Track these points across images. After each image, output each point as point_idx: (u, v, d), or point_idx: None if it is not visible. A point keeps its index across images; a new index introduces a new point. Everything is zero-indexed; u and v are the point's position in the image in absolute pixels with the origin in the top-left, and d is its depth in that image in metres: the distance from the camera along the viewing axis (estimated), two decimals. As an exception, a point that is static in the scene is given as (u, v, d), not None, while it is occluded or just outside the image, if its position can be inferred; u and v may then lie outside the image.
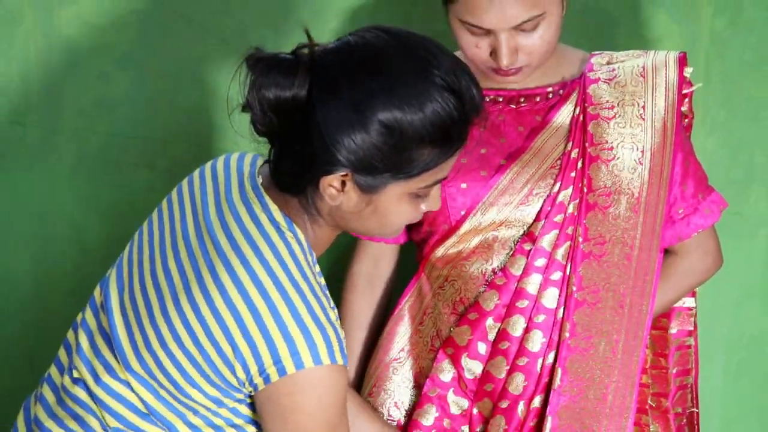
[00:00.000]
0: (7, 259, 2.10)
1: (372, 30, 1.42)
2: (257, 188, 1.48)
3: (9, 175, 2.07)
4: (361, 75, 1.38)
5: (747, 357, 2.11)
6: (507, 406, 1.72)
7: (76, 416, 1.50)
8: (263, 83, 1.39)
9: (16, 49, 2.03)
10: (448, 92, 1.39)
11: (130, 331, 1.48)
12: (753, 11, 2.01)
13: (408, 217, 1.46)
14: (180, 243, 1.49)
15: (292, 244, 1.44)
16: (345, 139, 1.37)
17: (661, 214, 1.70)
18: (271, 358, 1.39)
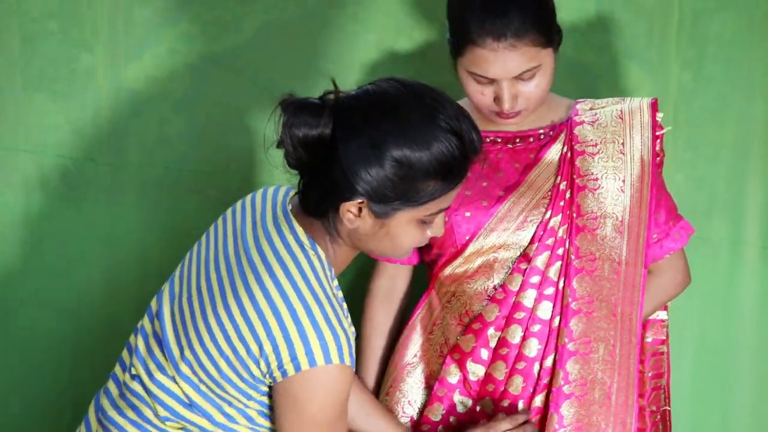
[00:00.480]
0: (81, 276, 2.08)
1: (388, 80, 1.44)
2: (287, 214, 1.48)
3: (83, 204, 2.05)
4: (378, 118, 1.39)
5: (711, 362, 2.09)
6: (508, 405, 1.69)
7: (133, 406, 1.51)
8: (294, 123, 1.39)
9: (89, 98, 2.03)
10: (451, 134, 1.39)
11: (178, 335, 1.48)
12: (713, 68, 2.01)
13: (416, 241, 1.46)
14: (221, 260, 1.48)
15: (314, 261, 1.44)
16: (362, 172, 1.38)
17: (643, 233, 1.68)
18: (289, 356, 1.39)
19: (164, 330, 1.50)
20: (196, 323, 1.46)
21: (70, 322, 2.08)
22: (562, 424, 1.64)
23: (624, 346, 1.67)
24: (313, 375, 1.39)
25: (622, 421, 1.65)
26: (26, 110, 2.02)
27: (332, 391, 1.41)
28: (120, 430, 1.50)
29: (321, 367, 1.38)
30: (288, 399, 1.41)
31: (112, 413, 1.52)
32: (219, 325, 1.43)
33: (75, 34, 2.00)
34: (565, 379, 1.65)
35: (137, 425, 1.49)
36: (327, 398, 1.41)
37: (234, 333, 1.42)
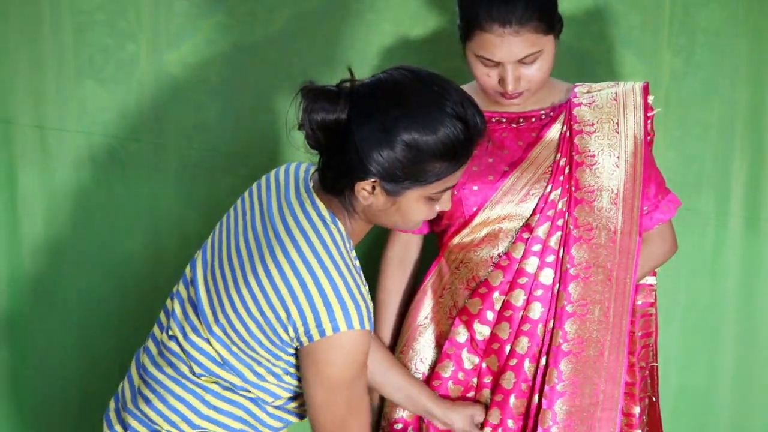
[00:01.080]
0: (126, 246, 2.11)
1: (398, 69, 1.44)
2: (309, 190, 1.49)
3: (128, 180, 2.08)
4: (389, 104, 1.39)
5: (698, 322, 2.11)
6: (515, 364, 1.72)
7: (171, 364, 1.54)
8: (313, 108, 1.41)
9: (133, 84, 2.05)
10: (456, 119, 1.40)
11: (211, 300, 1.50)
12: (702, 55, 2.02)
13: (425, 215, 1.47)
14: (249, 231, 1.50)
15: (335, 233, 1.45)
16: (374, 154, 1.39)
17: (637, 204, 1.70)
18: (315, 322, 1.41)
19: (198, 296, 1.52)
20: (228, 290, 1.47)
21: (116, 288, 2.10)
22: (560, 378, 1.67)
23: (617, 308, 1.68)
24: (336, 340, 1.41)
25: (612, 375, 1.67)
26: (77, 94, 2.03)
27: (352, 353, 1.42)
28: (159, 384, 1.53)
29: (343, 333, 1.40)
30: (311, 361, 1.43)
31: (152, 369, 1.55)
32: (249, 292, 1.44)
33: (121, 25, 2.01)
34: (563, 338, 1.67)
35: (174, 380, 1.52)
36: (346, 360, 1.42)
37: (263, 300, 1.43)
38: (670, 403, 2.08)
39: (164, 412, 1.52)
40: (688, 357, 2.11)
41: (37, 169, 2.07)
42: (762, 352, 2.10)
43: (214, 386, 1.51)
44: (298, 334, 1.43)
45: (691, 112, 2.04)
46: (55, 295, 2.12)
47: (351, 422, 1.47)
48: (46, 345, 2.14)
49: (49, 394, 2.16)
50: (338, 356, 1.42)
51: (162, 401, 1.52)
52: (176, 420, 1.52)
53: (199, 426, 1.51)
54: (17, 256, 2.11)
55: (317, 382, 1.44)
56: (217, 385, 1.51)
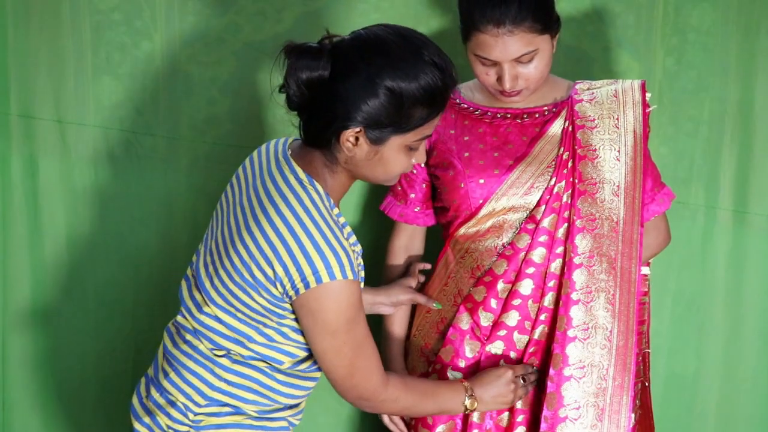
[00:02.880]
0: (141, 236, 2.10)
1: (378, 26, 1.46)
2: (287, 157, 1.50)
3: (143, 173, 2.08)
4: (372, 55, 1.41)
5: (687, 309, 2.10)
6: (534, 351, 1.71)
7: (186, 341, 1.56)
8: (297, 66, 1.42)
9: (149, 80, 2.04)
10: (434, 67, 1.43)
11: (209, 275, 1.52)
12: (693, 54, 2.01)
13: (403, 166, 1.49)
14: (237, 207, 1.52)
15: (312, 193, 1.46)
16: (360, 103, 1.41)
17: (638, 195, 1.69)
18: (299, 276, 1.43)
19: (199, 274, 1.55)
20: (222, 261, 1.49)
21: (131, 277, 2.10)
22: (567, 363, 1.66)
23: (623, 296, 1.67)
24: (322, 290, 1.43)
25: (622, 362, 1.66)
26: (95, 90, 2.02)
27: (340, 300, 1.44)
28: (176, 360, 1.56)
29: (327, 283, 1.42)
30: (305, 312, 1.45)
31: (171, 347, 1.58)
32: (239, 258, 1.47)
33: (137, 24, 2.01)
34: (569, 324, 1.66)
35: (188, 355, 1.55)
36: (339, 307, 1.44)
37: (251, 262, 1.45)
38: (660, 389, 2.07)
39: (179, 384, 1.55)
40: (677, 344, 2.11)
41: (56, 162, 2.07)
42: (748, 339, 2.09)
43: (223, 360, 1.52)
44: (286, 289, 1.45)
45: (682, 109, 2.03)
46: (73, 283, 2.12)
47: (359, 363, 1.49)
48: (64, 330, 2.14)
49: (68, 377, 2.16)
50: (329, 303, 1.44)
51: (178, 374, 1.55)
52: (190, 392, 1.54)
53: (211, 397, 1.53)
54: (38, 245, 2.11)
55: (316, 330, 1.46)
56: (226, 358, 1.52)
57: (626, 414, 1.67)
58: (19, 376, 2.15)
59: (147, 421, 1.58)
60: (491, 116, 1.75)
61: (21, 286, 2.11)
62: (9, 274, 2.11)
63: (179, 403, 1.54)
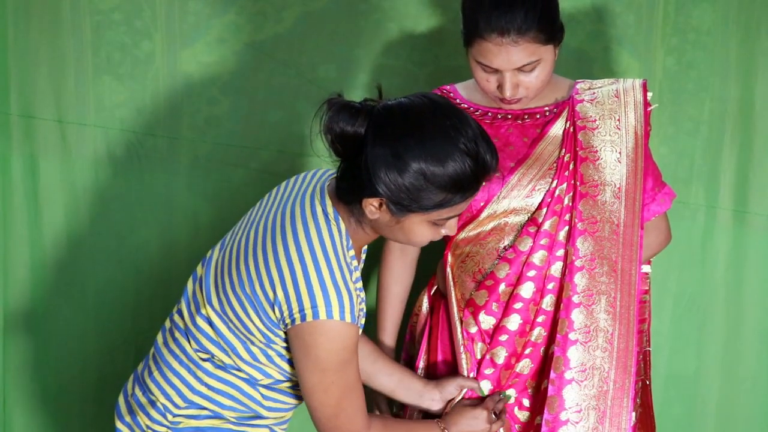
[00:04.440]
0: (142, 236, 2.10)
1: (421, 96, 1.42)
2: (323, 189, 1.49)
3: (144, 173, 2.07)
4: (404, 131, 1.38)
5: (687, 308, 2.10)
6: (530, 352, 1.70)
7: (175, 339, 1.56)
8: (334, 119, 1.40)
9: (149, 80, 2.04)
10: (467, 156, 1.39)
11: (216, 277, 1.52)
12: (694, 54, 2.00)
13: (428, 238, 1.47)
14: (263, 221, 1.51)
15: (333, 230, 1.45)
16: (383, 176, 1.38)
17: (639, 198, 1.68)
18: (298, 307, 1.42)
19: (207, 273, 1.54)
20: (231, 269, 1.49)
21: (132, 276, 2.10)
22: (568, 366, 1.65)
23: (624, 298, 1.66)
24: (317, 326, 1.41)
25: (623, 364, 1.65)
26: (95, 90, 2.03)
27: (335, 341, 1.42)
28: (162, 358, 1.56)
29: (323, 321, 1.40)
30: (298, 343, 1.44)
31: (161, 344, 1.58)
32: (246, 272, 1.46)
33: (137, 24, 2.01)
34: (570, 327, 1.65)
35: (174, 355, 1.54)
36: (331, 347, 1.42)
37: (256, 279, 1.44)
38: (660, 388, 2.07)
39: (161, 384, 1.54)
40: (677, 344, 2.10)
41: (57, 161, 2.06)
42: (748, 339, 2.09)
43: (207, 364, 1.51)
44: (284, 316, 1.44)
45: (683, 108, 2.02)
46: (73, 283, 2.12)
47: (345, 404, 1.47)
48: (65, 330, 2.13)
49: (68, 377, 2.15)
50: (323, 341, 1.42)
51: (161, 374, 1.54)
52: (171, 393, 1.53)
53: (191, 400, 1.52)
54: (38, 244, 2.10)
55: (307, 364, 1.44)
56: (209, 363, 1.51)
57: (627, 416, 1.66)
58: (20, 375, 2.15)
59: (128, 420, 1.57)
60: (492, 117, 1.73)
61: (21, 286, 2.11)
62: (9, 274, 2.11)
63: (159, 404, 1.53)
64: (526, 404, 1.71)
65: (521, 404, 1.71)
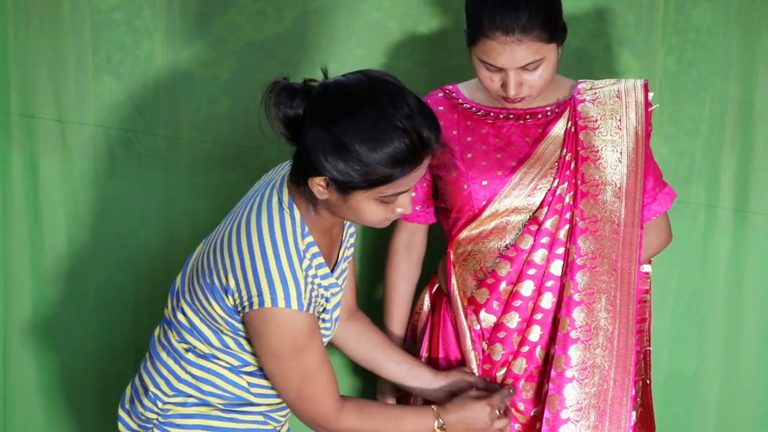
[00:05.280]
0: (141, 235, 2.10)
1: (357, 74, 1.42)
2: (283, 179, 1.51)
3: (144, 172, 2.08)
4: (339, 112, 1.38)
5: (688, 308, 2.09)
6: (527, 351, 1.70)
7: (164, 331, 1.60)
8: (275, 101, 1.42)
9: (149, 80, 2.04)
10: (404, 133, 1.38)
11: (192, 270, 1.55)
12: (694, 53, 2.00)
13: (381, 216, 1.46)
14: (236, 213, 1.53)
15: (285, 217, 1.46)
16: (320, 157, 1.39)
17: (639, 198, 1.68)
18: (247, 294, 1.44)
19: (186, 266, 1.59)
20: (201, 261, 1.53)
21: (132, 275, 2.10)
22: (569, 364, 1.65)
23: (623, 297, 1.67)
24: (266, 313, 1.44)
25: (623, 363, 1.65)
26: (95, 90, 2.03)
27: (284, 328, 1.44)
28: (153, 349, 1.60)
29: (269, 309, 1.43)
30: (251, 330, 1.47)
31: (155, 339, 1.62)
32: (207, 264, 1.50)
33: (137, 24, 2.01)
34: (571, 326, 1.65)
35: (163, 345, 1.58)
36: (281, 334, 1.44)
37: (214, 267, 1.48)
38: (660, 387, 2.07)
39: (152, 373, 1.59)
40: (677, 343, 2.10)
41: (57, 161, 2.07)
42: (749, 338, 2.09)
43: (189, 354, 1.55)
44: (236, 304, 1.47)
45: (683, 108, 2.02)
46: (74, 282, 2.12)
47: (307, 390, 1.49)
48: (65, 329, 2.14)
49: (69, 376, 2.16)
50: (272, 329, 1.45)
51: (152, 364, 1.59)
52: (160, 382, 1.57)
53: (178, 389, 1.56)
54: (39, 244, 2.11)
55: (261, 350, 1.47)
56: (192, 353, 1.55)
57: (627, 414, 1.66)
58: (21, 374, 2.15)
59: (128, 408, 1.62)
60: (494, 117, 1.74)
61: (22, 285, 2.11)
62: (10, 273, 2.11)
63: (150, 392, 1.58)
64: (520, 407, 1.71)
65: (517, 408, 1.72)
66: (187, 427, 1.56)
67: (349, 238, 1.63)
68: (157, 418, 1.57)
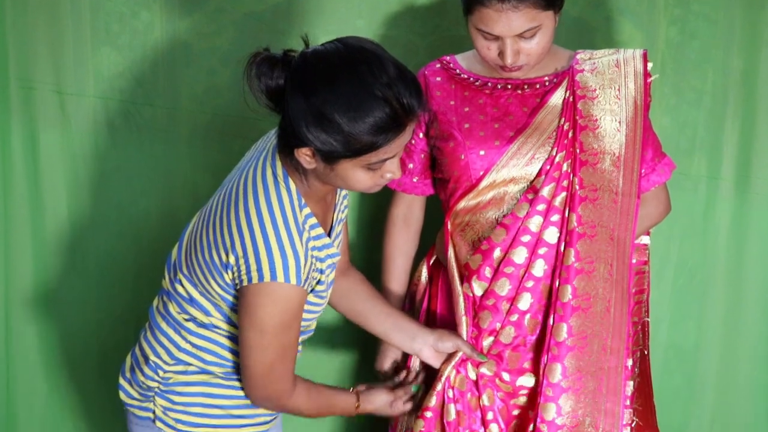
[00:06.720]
0: (142, 206, 2.11)
1: (337, 43, 1.41)
2: (274, 150, 1.50)
3: (143, 143, 2.08)
4: (318, 83, 1.38)
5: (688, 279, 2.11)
6: (516, 320, 1.71)
7: (163, 302, 1.61)
8: (256, 72, 1.42)
9: (148, 51, 2.04)
10: (384, 102, 1.38)
11: (189, 243, 1.56)
12: (697, 24, 1.99)
13: (369, 183, 1.47)
14: (227, 188, 1.53)
15: (282, 191, 1.47)
16: (302, 128, 1.39)
17: (637, 167, 1.69)
18: (246, 269, 1.45)
19: (182, 239, 1.59)
20: (197, 237, 1.53)
21: (132, 246, 2.12)
22: (570, 333, 1.66)
23: (620, 267, 1.68)
24: (262, 288, 1.44)
25: (619, 331, 1.67)
26: (94, 61, 2.02)
27: (277, 303, 1.45)
28: (153, 319, 1.62)
29: (268, 283, 1.44)
30: (243, 304, 1.47)
31: (154, 309, 1.63)
32: (206, 240, 1.50)
33: None
34: (573, 294, 1.66)
35: (162, 316, 1.60)
36: (273, 309, 1.45)
37: (213, 244, 1.49)
38: (660, 358, 2.09)
39: (152, 343, 1.60)
40: (677, 314, 2.11)
41: (57, 132, 2.07)
42: (749, 310, 2.10)
43: (189, 324, 1.56)
44: (234, 278, 1.48)
45: (685, 79, 2.02)
46: (74, 253, 2.13)
47: (277, 366, 1.51)
48: (67, 300, 2.15)
49: (71, 347, 2.18)
50: (266, 303, 1.45)
51: (152, 334, 1.61)
52: (160, 351, 1.59)
53: (178, 358, 1.58)
54: (39, 215, 2.12)
55: (249, 324, 1.48)
56: (192, 323, 1.56)
57: (622, 383, 1.68)
58: (23, 345, 2.17)
59: (128, 377, 1.64)
60: (491, 87, 1.74)
61: (23, 256, 2.13)
62: (11, 244, 2.12)
63: (151, 361, 1.60)
64: (505, 378, 1.72)
65: (501, 378, 1.72)
66: (189, 395, 1.58)
67: (343, 200, 1.64)
68: (159, 387, 1.59)
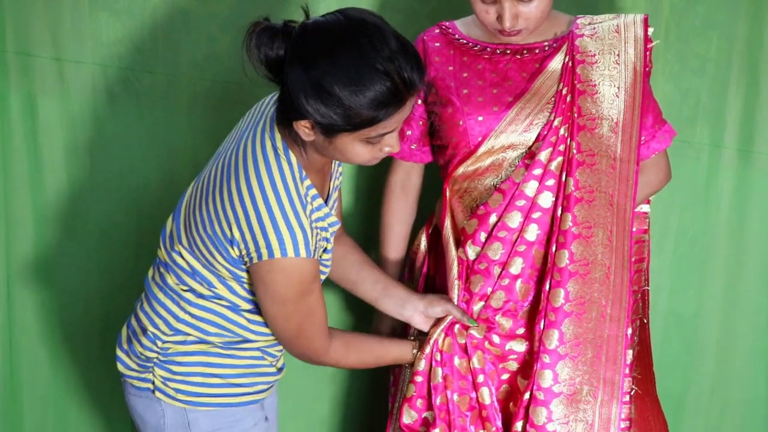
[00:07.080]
0: (141, 174, 2.11)
1: (338, 14, 1.40)
2: (273, 120, 1.50)
3: (143, 111, 2.07)
4: (319, 55, 1.37)
5: (689, 248, 2.10)
6: (507, 284, 1.71)
7: (160, 273, 1.62)
8: (256, 42, 1.41)
9: (147, 17, 2.02)
10: (385, 75, 1.37)
11: (186, 215, 1.56)
12: None
13: (368, 156, 1.47)
14: (224, 157, 1.53)
15: (284, 165, 1.47)
16: (302, 101, 1.38)
17: (635, 133, 1.68)
18: (254, 246, 1.46)
19: (179, 210, 1.59)
20: (196, 208, 1.53)
21: (132, 214, 2.12)
22: (567, 298, 1.66)
23: (619, 233, 1.68)
24: (273, 264, 1.46)
25: (619, 299, 1.67)
26: (93, 27, 2.01)
27: (292, 277, 1.47)
28: (149, 290, 1.63)
29: (279, 259, 1.45)
30: (257, 279, 1.50)
31: (149, 278, 1.65)
32: (207, 213, 1.50)
33: None
34: (570, 259, 1.66)
35: (159, 287, 1.61)
36: (288, 282, 1.47)
37: (215, 218, 1.49)
38: (660, 327, 2.09)
39: (150, 314, 1.61)
40: (678, 283, 2.11)
41: (56, 100, 2.06)
42: (750, 279, 2.10)
43: (188, 294, 1.57)
44: (242, 255, 1.49)
45: (689, 46, 2.00)
46: (75, 221, 2.14)
47: (305, 327, 1.54)
48: (68, 269, 2.16)
49: (72, 316, 2.19)
50: (280, 278, 1.47)
51: (149, 305, 1.61)
52: (158, 322, 1.60)
53: (177, 328, 1.59)
54: (39, 184, 2.12)
55: (266, 297, 1.50)
56: (191, 293, 1.57)
57: (623, 351, 1.68)
58: (24, 315, 2.18)
59: (126, 348, 1.65)
60: (490, 52, 1.73)
61: (23, 225, 2.13)
62: (11, 213, 2.13)
63: (149, 332, 1.61)
64: (495, 341, 1.72)
65: (491, 341, 1.72)
66: (188, 365, 1.60)
67: (338, 167, 1.64)
68: (158, 357, 1.60)
